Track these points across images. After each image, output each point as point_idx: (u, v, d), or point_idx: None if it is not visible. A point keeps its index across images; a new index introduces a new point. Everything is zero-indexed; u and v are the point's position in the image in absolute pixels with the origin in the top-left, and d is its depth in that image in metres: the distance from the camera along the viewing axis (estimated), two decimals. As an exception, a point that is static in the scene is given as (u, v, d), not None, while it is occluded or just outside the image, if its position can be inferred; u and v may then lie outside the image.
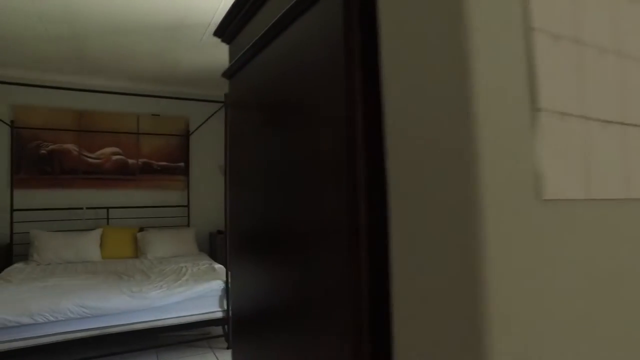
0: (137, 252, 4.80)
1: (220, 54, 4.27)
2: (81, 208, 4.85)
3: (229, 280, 3.39)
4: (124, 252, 4.73)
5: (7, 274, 3.85)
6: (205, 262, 4.32)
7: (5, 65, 4.60)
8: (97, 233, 4.67)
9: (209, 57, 4.36)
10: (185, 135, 5.45)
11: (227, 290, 3.35)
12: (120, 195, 5.13)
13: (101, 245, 4.67)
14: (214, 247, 5.30)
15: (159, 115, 5.37)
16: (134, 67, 4.61)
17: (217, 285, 3.35)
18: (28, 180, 4.71)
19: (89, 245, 4.55)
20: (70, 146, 4.91)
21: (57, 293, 2.98)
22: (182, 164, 5.44)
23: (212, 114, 4.67)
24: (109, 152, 5.08)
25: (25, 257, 4.48)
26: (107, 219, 4.97)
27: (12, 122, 4.60)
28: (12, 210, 4.57)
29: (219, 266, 4.12)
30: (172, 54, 4.24)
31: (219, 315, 3.34)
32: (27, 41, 3.87)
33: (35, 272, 3.93)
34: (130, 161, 5.17)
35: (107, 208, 4.97)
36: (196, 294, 3.24)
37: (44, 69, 4.72)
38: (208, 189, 5.62)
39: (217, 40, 3.77)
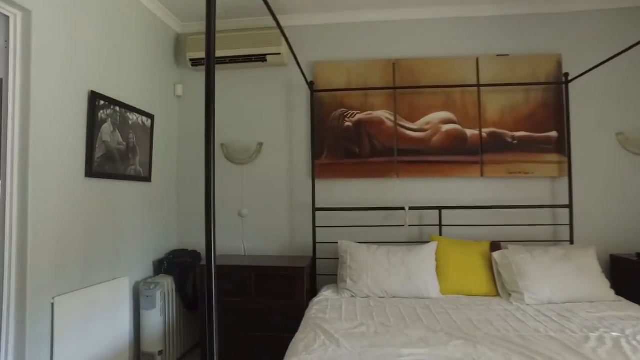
0: (497, 287, 2.87)
1: None
2: (402, 208, 3.24)
3: None
4: (476, 286, 2.89)
5: (321, 313, 2.54)
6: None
7: (300, 10, 3.41)
8: (430, 251, 2.95)
9: None
10: (560, 85, 3.24)
11: None
12: (455, 187, 3.34)
13: (436, 269, 2.93)
14: (621, 282, 2.92)
15: (508, 55, 3.34)
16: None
17: None
18: (330, 166, 3.40)
19: (422, 270, 2.87)
20: (382, 113, 3.39)
21: None
22: (554, 133, 3.26)
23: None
24: (436, 120, 3.35)
25: (329, 278, 3.18)
26: (440, 226, 3.23)
27: (311, 83, 3.34)
28: (315, 209, 3.29)
29: None
30: None
31: None
32: None
33: (357, 315, 2.48)
34: (469, 132, 3.32)
35: (439, 209, 3.23)
36: None
37: (345, 5, 3.34)
38: (605, 176, 3.26)
39: None
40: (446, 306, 2.61)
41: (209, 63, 1.24)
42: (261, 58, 3.40)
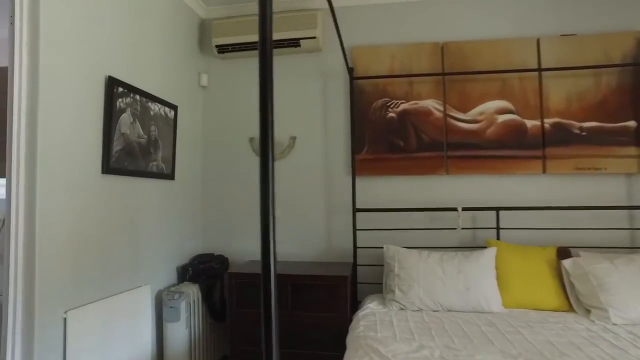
0: (570, 300, 2.49)
1: None
2: (454, 209, 2.87)
3: None
4: (544, 300, 2.51)
5: (371, 331, 2.21)
6: None
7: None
8: (489, 257, 2.58)
9: None
10: (638, 66, 2.83)
11: None
12: (513, 185, 2.95)
13: (496, 278, 2.56)
14: None
15: (575, 34, 2.94)
16: None
17: None
18: (372, 162, 3.05)
19: (482, 280, 2.50)
20: (429, 103, 3.02)
21: None
22: (631, 122, 2.85)
23: None
24: (491, 110, 2.97)
25: (371, 287, 2.87)
26: (497, 229, 2.85)
27: (350, 70, 3.00)
28: (355, 210, 2.94)
29: None
30: None
31: None
32: None
33: (414, 334, 2.15)
34: (530, 123, 2.93)
35: (497, 209, 2.84)
36: None
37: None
38: (693, 172, 2.85)
39: None
40: (514, 323, 2.25)
41: (264, 41, 0.91)
42: (294, 43, 3.08)
